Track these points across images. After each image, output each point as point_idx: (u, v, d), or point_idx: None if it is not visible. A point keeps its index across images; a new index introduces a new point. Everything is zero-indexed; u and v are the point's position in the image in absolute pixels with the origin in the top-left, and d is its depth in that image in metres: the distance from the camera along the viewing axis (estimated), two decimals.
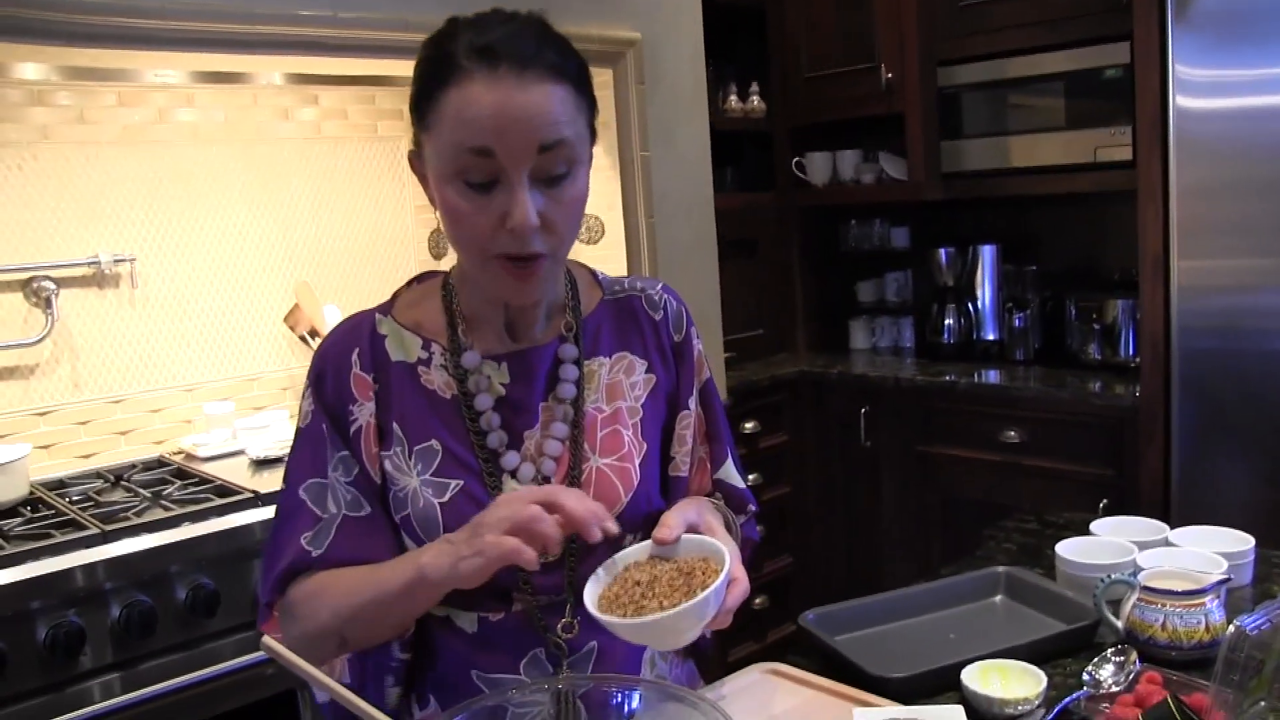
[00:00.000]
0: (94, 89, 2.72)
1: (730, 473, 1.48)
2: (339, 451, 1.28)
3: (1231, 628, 1.17)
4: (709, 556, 1.17)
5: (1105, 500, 3.02)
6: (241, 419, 2.85)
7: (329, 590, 1.24)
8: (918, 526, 3.60)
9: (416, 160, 1.26)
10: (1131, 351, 3.38)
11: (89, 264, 2.72)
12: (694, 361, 1.44)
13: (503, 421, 1.29)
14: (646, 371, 1.39)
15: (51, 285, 2.65)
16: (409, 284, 1.41)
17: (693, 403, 1.43)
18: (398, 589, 1.18)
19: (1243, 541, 1.65)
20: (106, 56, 2.38)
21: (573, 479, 1.30)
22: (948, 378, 3.56)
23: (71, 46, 2.15)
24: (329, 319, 3.04)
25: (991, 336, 3.85)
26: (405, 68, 2.73)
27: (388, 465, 1.27)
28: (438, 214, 1.23)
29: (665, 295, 1.44)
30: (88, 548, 2.11)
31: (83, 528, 2.18)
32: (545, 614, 1.28)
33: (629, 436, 1.34)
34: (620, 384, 1.37)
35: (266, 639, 1.08)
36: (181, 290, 2.90)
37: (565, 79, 1.16)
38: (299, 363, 3.10)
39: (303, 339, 3.04)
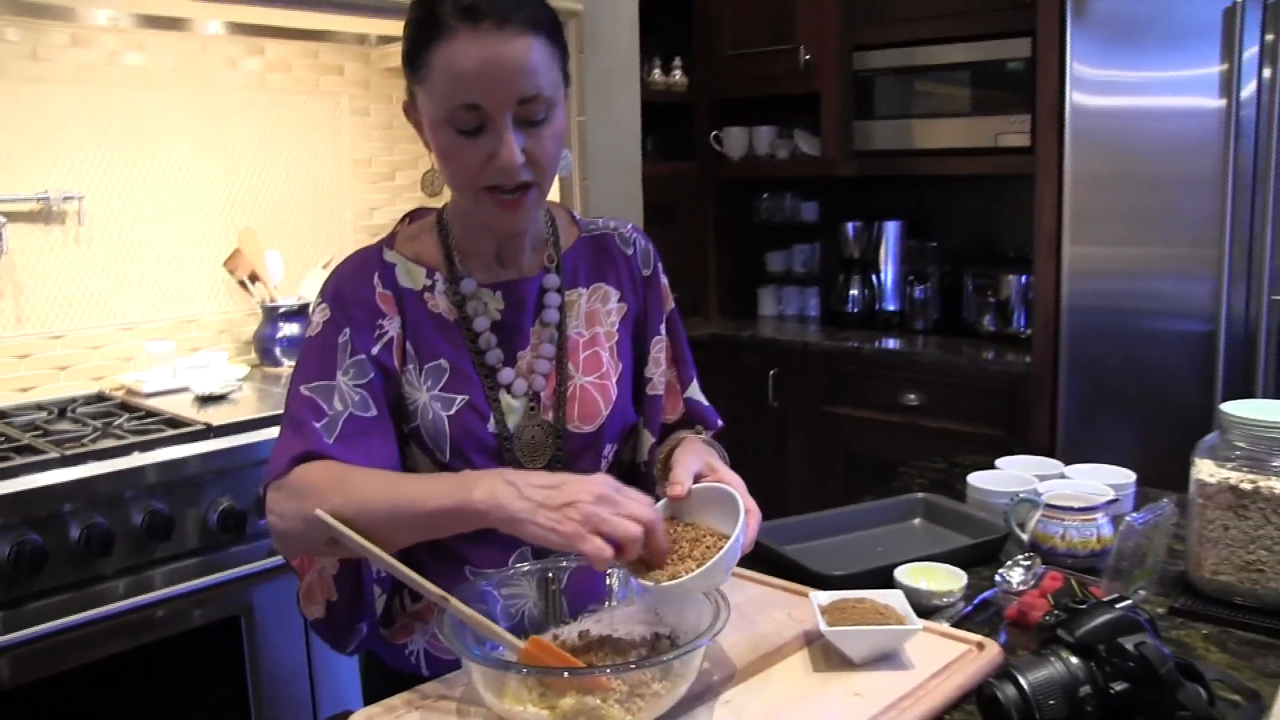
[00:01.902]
0: (47, 26, 2.76)
1: (696, 392, 1.67)
2: (353, 357, 1.38)
3: (1123, 523, 1.38)
4: (719, 503, 1.29)
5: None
6: (181, 358, 2.93)
7: (346, 483, 1.27)
8: (822, 482, 3.83)
9: (411, 109, 1.40)
10: (1023, 324, 3.65)
11: (38, 199, 2.77)
12: (661, 292, 1.62)
13: (498, 342, 1.45)
14: (619, 300, 1.56)
15: (1, 219, 2.70)
16: (403, 220, 1.55)
17: (662, 328, 1.60)
18: (433, 508, 1.21)
19: (1126, 476, 1.88)
20: None
21: (560, 394, 1.46)
22: (852, 343, 3.79)
23: None
24: (270, 265, 3.13)
25: (893, 307, 4.10)
26: (360, 24, 2.88)
27: (403, 381, 1.41)
28: (432, 155, 1.38)
29: (635, 234, 1.62)
30: (45, 470, 2.17)
31: (40, 452, 2.25)
32: None
33: (607, 357, 1.52)
34: (597, 311, 1.54)
35: (320, 511, 1.20)
36: (126, 230, 2.96)
37: (541, 30, 1.31)
38: (236, 306, 3.19)
39: (242, 284, 3.12)
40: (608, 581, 1.33)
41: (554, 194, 3.22)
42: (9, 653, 2.08)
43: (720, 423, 1.68)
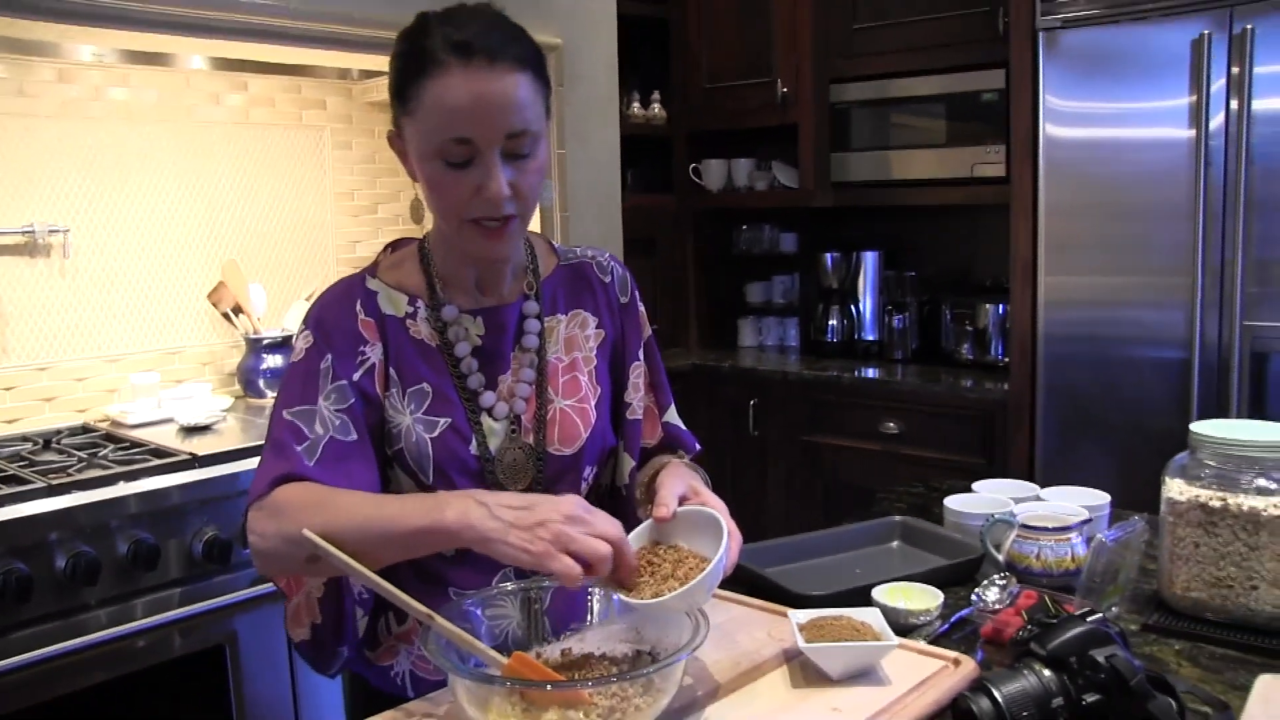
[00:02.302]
0: (33, 64, 2.80)
1: (674, 416, 1.70)
2: (335, 383, 1.41)
3: (1095, 540, 1.41)
4: (702, 526, 1.33)
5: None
6: (165, 390, 2.94)
7: (326, 504, 1.30)
8: (802, 510, 3.85)
9: (396, 139, 1.44)
10: (1000, 353, 3.69)
11: (24, 232, 2.80)
12: (639, 319, 1.66)
13: (480, 366, 1.48)
14: (597, 327, 1.60)
15: None
16: (385, 250, 1.59)
17: (641, 354, 1.65)
18: (408, 528, 1.23)
19: (1100, 498, 1.91)
20: (43, 29, 2.49)
21: (540, 417, 1.49)
22: (832, 372, 3.83)
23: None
24: (254, 298, 3.15)
25: (872, 337, 4.14)
26: (343, 59, 2.91)
27: (387, 406, 1.44)
28: (417, 186, 1.42)
29: (612, 263, 1.66)
30: (31, 500, 2.19)
31: (26, 482, 2.26)
32: None
33: (585, 381, 1.55)
34: (576, 337, 1.58)
35: (307, 531, 1.22)
36: (110, 263, 2.98)
37: (528, 67, 1.36)
38: (220, 338, 3.21)
39: (226, 316, 3.14)
40: (589, 601, 1.35)
41: (534, 225, 3.25)
42: None
43: (699, 447, 1.72)
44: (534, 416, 1.49)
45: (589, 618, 1.35)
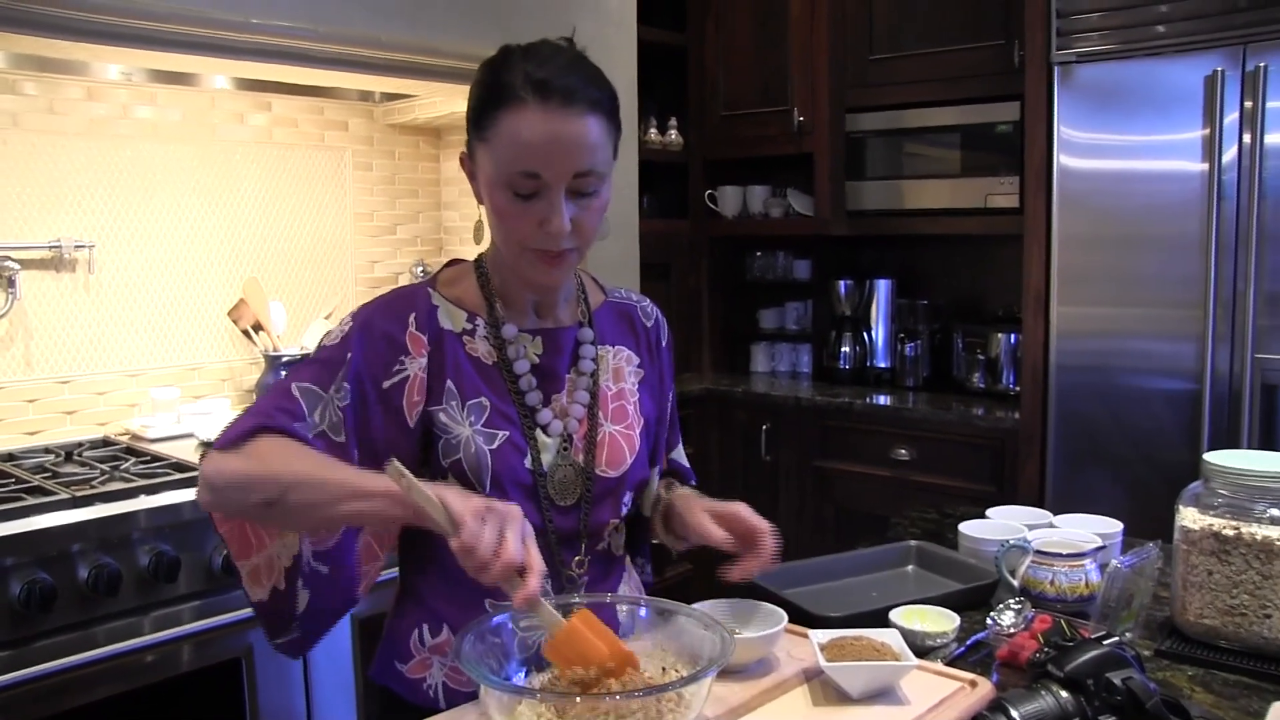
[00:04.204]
0: (62, 82, 2.84)
1: (680, 454, 1.80)
2: (348, 380, 1.43)
3: (1110, 566, 1.44)
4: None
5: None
6: (185, 405, 2.98)
7: (296, 452, 1.34)
8: (814, 535, 3.87)
9: (467, 161, 1.49)
10: (1012, 382, 3.71)
11: (50, 247, 2.84)
12: (670, 364, 1.75)
13: (537, 384, 1.52)
14: (639, 366, 1.66)
15: (15, 265, 2.76)
16: (444, 267, 1.62)
17: (670, 394, 1.73)
18: (368, 489, 1.27)
19: (1113, 526, 1.94)
20: (73, 49, 2.54)
21: (590, 439, 1.54)
22: (843, 399, 3.85)
23: (49, 38, 2.34)
24: (274, 316, 3.18)
25: (884, 364, 4.16)
26: (367, 81, 2.95)
27: (442, 417, 1.46)
28: (482, 208, 1.47)
29: (653, 309, 1.74)
30: (55, 511, 2.21)
31: (50, 493, 2.29)
32: (560, 550, 1.51)
33: (632, 411, 1.61)
34: (623, 369, 1.63)
35: (393, 460, 1.23)
36: (134, 278, 3.02)
37: (601, 110, 1.40)
38: (239, 355, 3.24)
39: (246, 333, 3.17)
40: (617, 615, 1.38)
41: None
42: (8, 692, 2.09)
43: (694, 481, 1.80)
44: (585, 437, 1.54)
45: (617, 631, 1.38)
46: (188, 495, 2.37)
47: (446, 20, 2.93)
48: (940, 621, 1.55)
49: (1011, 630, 1.55)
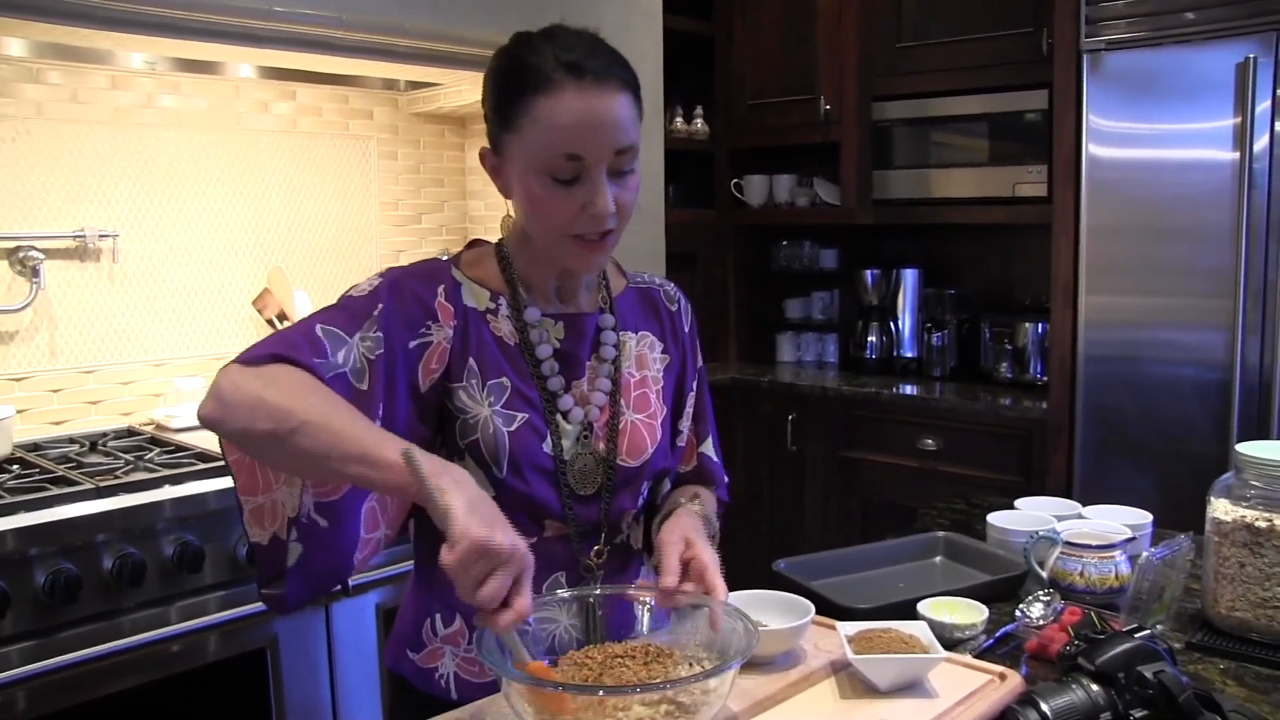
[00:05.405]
0: (87, 71, 2.85)
1: (710, 448, 1.74)
2: (376, 332, 1.38)
3: (1141, 557, 1.41)
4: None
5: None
6: None
7: (315, 390, 1.27)
8: (840, 525, 3.85)
9: (490, 155, 1.46)
10: (1039, 372, 3.68)
11: (74, 237, 2.84)
12: (697, 349, 1.71)
13: (559, 369, 1.50)
14: (663, 351, 1.63)
15: (39, 255, 2.76)
16: (466, 248, 1.60)
17: (695, 383, 1.68)
18: (381, 459, 1.20)
19: (1143, 517, 1.91)
20: (97, 38, 2.54)
21: (612, 427, 1.51)
22: (870, 389, 3.83)
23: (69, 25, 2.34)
24: (298, 305, 3.18)
25: (910, 354, 4.14)
26: (392, 70, 2.94)
27: (462, 395, 1.44)
28: (511, 201, 1.45)
29: (677, 293, 1.70)
30: (80, 501, 2.22)
31: (74, 484, 2.29)
32: (580, 540, 1.49)
33: (654, 399, 1.58)
34: (646, 356, 1.61)
35: (411, 450, 1.17)
36: (158, 268, 3.03)
37: (630, 89, 1.39)
38: None
39: (270, 323, 3.17)
40: (638, 611, 1.37)
41: None
42: (32, 682, 2.10)
43: (726, 479, 1.77)
44: (606, 425, 1.51)
45: (637, 627, 1.37)
46: (212, 485, 2.37)
47: (472, 8, 2.92)
48: (969, 613, 1.53)
49: (1041, 622, 1.53)
